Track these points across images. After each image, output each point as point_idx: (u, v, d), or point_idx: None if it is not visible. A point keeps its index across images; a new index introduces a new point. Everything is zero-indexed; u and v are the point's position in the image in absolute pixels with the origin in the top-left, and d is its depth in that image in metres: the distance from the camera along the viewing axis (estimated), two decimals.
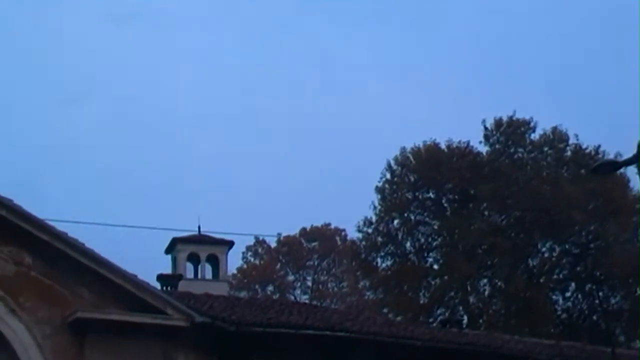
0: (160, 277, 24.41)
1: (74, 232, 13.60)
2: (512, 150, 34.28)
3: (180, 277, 25.41)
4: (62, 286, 13.23)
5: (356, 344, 15.48)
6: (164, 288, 24.32)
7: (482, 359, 16.92)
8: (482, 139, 34.62)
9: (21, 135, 60.58)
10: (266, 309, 16.48)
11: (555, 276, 34.61)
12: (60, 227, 13.51)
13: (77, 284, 13.31)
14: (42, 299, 13.08)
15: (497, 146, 34.33)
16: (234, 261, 41.47)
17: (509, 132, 34.09)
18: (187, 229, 28.96)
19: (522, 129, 34.12)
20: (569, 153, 34.35)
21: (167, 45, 71.16)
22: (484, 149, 34.80)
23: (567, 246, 33.74)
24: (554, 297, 34.59)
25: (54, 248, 13.15)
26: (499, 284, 34.51)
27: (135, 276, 13.62)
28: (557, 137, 34.19)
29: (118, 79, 71.65)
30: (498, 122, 34.24)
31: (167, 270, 26.99)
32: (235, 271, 43.26)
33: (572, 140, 34.34)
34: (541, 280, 34.08)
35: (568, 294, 34.36)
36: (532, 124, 34.23)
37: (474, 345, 17.09)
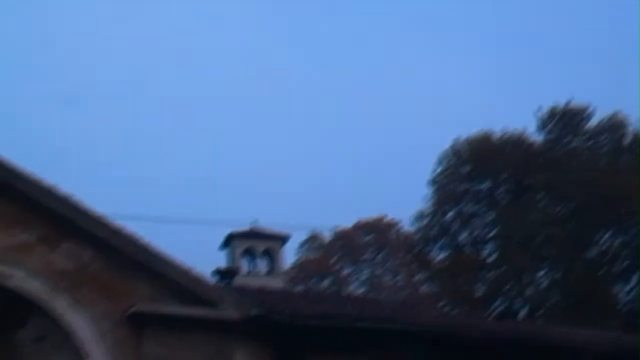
0: (216, 272, 24.74)
1: (129, 226, 13.84)
2: (567, 139, 33.69)
3: (236, 271, 25.64)
4: (120, 281, 13.44)
5: (412, 336, 15.40)
6: (220, 282, 24.68)
7: (539, 351, 16.66)
8: (536, 127, 34.17)
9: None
10: (321, 301, 16.53)
11: (615, 268, 33.92)
12: (123, 221, 13.75)
13: (134, 279, 13.50)
14: (101, 294, 13.30)
15: (552, 135, 33.79)
16: (290, 255, 41.77)
17: (565, 121, 33.53)
18: (242, 224, 29.31)
19: (578, 116, 33.51)
20: (628, 140, 33.59)
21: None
22: (538, 138, 34.33)
23: (627, 237, 33.03)
24: (615, 289, 33.90)
25: (111, 243, 13.38)
26: (557, 275, 33.99)
27: (190, 270, 13.78)
28: (615, 124, 33.46)
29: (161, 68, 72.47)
30: (553, 110, 33.71)
31: (223, 265, 27.31)
32: (291, 265, 43.60)
33: (632, 127, 33.55)
34: (601, 272, 33.44)
35: (630, 286, 33.64)
36: (588, 111, 33.59)
37: (531, 336, 16.85)
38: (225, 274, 24.40)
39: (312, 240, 44.63)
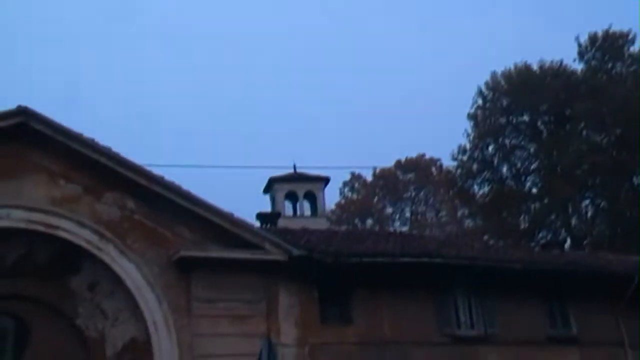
0: (259, 216, 24.98)
1: (176, 175, 14.09)
2: (609, 65, 32.89)
3: (278, 214, 25.92)
4: (164, 227, 13.76)
5: (454, 269, 15.53)
6: (263, 226, 24.99)
7: (584, 280, 16.68)
8: (576, 56, 33.42)
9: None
10: (363, 240, 16.67)
11: None
12: (162, 170, 14.00)
13: (177, 225, 13.80)
14: (147, 240, 13.64)
15: (593, 62, 33.04)
16: (331, 197, 42.04)
17: (606, 47, 32.69)
18: (284, 166, 29.52)
19: (620, 42, 32.62)
20: None
21: None
22: (578, 66, 33.62)
23: None
24: None
25: (153, 191, 13.65)
26: (602, 204, 33.65)
27: (232, 214, 14.01)
28: None
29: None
30: (593, 37, 32.90)
31: (267, 209, 27.62)
32: (334, 207, 43.82)
33: None
34: None
35: None
36: (630, 36, 32.67)
37: (575, 265, 16.85)
38: (267, 217, 24.76)
39: (354, 180, 44.72)
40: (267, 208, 28.03)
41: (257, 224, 24.93)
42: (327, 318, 14.66)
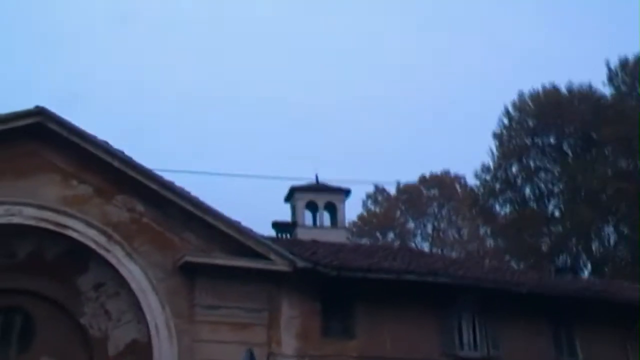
0: (275, 225, 25.19)
1: (200, 182, 14.31)
2: (639, 90, 32.58)
3: (294, 224, 26.09)
4: (171, 232, 13.97)
5: (459, 290, 15.49)
6: (279, 235, 25.09)
7: (592, 307, 16.53)
8: (605, 80, 33.17)
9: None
10: (370, 254, 16.70)
11: None
12: (180, 176, 14.24)
13: (185, 230, 14.00)
14: (154, 244, 13.85)
15: (622, 87, 32.73)
16: (353, 209, 42.07)
17: (636, 72, 32.38)
18: (306, 177, 29.64)
19: None
20: None
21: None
22: (607, 90, 33.35)
23: None
24: None
25: (162, 196, 13.87)
26: (625, 230, 33.24)
27: (239, 223, 14.16)
28: None
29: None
30: (623, 62, 32.62)
31: (288, 218, 27.79)
32: (356, 219, 43.82)
33: None
34: None
35: None
36: None
37: (584, 292, 16.69)
38: (284, 227, 24.92)
39: (377, 194, 44.69)
40: (288, 217, 28.24)
41: (273, 233, 25.22)
42: (328, 331, 14.73)
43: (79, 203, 13.64)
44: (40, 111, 13.51)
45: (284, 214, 28.25)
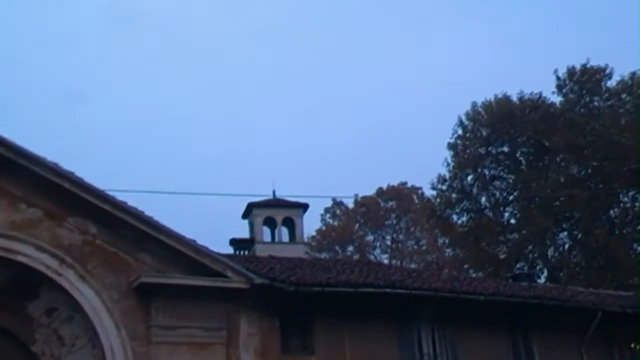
0: (233, 242, 25.04)
1: (156, 202, 14.13)
2: (587, 99, 33.26)
3: (252, 240, 25.97)
4: (125, 253, 13.75)
5: (417, 300, 15.56)
6: (238, 252, 24.94)
7: (549, 312, 16.76)
8: (554, 89, 33.80)
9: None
10: (328, 269, 16.69)
11: (639, 227, 33.56)
12: (143, 197, 14.08)
13: (139, 251, 13.80)
14: (108, 266, 13.62)
15: (571, 96, 33.40)
16: (311, 223, 42.06)
17: (584, 81, 33.09)
18: (263, 193, 29.54)
19: (597, 76, 33.02)
20: None
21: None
22: (557, 99, 33.98)
23: None
24: (638, 248, 33.59)
25: (115, 217, 13.65)
26: (579, 236, 33.79)
27: (195, 241, 14.01)
28: (635, 83, 32.89)
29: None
30: (571, 71, 33.29)
31: (245, 234, 27.64)
32: (314, 233, 43.81)
33: None
34: (624, 232, 33.15)
35: None
36: (607, 71, 33.08)
37: (540, 298, 16.91)
38: (241, 244, 24.80)
39: (335, 207, 44.78)
40: (246, 233, 28.08)
41: (231, 250, 25.04)
42: (288, 347, 14.65)
43: (28, 227, 13.34)
44: None
45: (242, 230, 28.17)
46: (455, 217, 35.66)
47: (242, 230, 28.09)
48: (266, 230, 28.37)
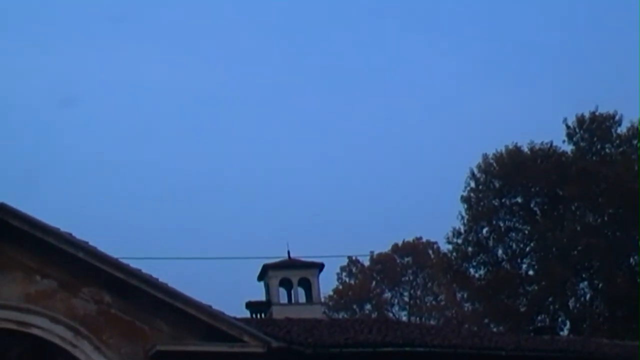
0: (249, 305, 24.85)
1: (170, 266, 14.10)
2: (598, 146, 33.23)
3: (269, 303, 25.78)
4: (141, 321, 13.70)
5: (437, 358, 15.33)
6: (254, 315, 24.74)
7: None
8: (565, 137, 33.80)
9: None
10: (346, 329, 16.51)
11: None
12: (156, 263, 14.09)
13: (155, 318, 13.76)
14: (123, 335, 13.58)
15: (582, 144, 33.36)
16: (327, 283, 41.67)
17: (593, 128, 33.11)
18: (278, 255, 29.42)
19: (607, 123, 33.05)
20: None
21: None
22: (568, 148, 33.94)
23: None
24: None
25: (130, 285, 13.66)
26: (600, 285, 33.34)
27: (210, 306, 13.96)
28: None
29: None
30: (580, 119, 33.32)
31: (261, 296, 27.45)
32: (331, 293, 43.52)
33: None
34: None
35: None
36: (617, 118, 33.13)
37: (563, 352, 16.59)
38: (257, 306, 24.55)
39: (351, 265, 44.56)
40: (262, 296, 27.90)
41: (248, 313, 24.85)
42: None
43: (43, 299, 13.38)
44: (0, 207, 13.34)
45: (258, 292, 27.95)
46: (472, 270, 35.32)
47: (258, 292, 27.88)
48: (282, 292, 28.13)
